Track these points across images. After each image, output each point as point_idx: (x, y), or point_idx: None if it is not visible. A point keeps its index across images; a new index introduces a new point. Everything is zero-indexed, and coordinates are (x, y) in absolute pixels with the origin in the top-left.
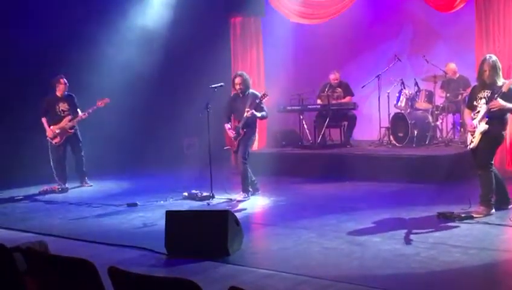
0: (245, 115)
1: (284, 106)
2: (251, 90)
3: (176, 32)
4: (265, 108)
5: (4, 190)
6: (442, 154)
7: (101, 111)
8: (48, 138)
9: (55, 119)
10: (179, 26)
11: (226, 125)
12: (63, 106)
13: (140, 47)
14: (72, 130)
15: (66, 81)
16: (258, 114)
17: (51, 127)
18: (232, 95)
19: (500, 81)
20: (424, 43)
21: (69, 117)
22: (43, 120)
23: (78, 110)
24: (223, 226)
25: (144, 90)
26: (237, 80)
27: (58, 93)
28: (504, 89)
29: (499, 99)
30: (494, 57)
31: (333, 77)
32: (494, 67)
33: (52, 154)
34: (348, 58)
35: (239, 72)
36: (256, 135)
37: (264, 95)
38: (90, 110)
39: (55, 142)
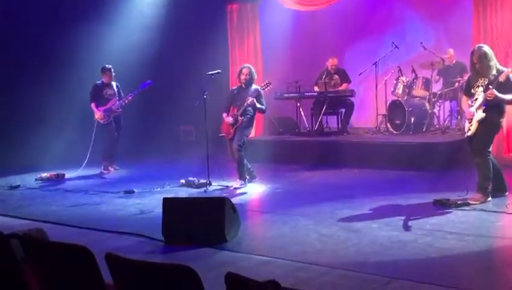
0: (245, 103)
1: (281, 93)
2: (254, 85)
3: (173, 19)
4: (264, 102)
5: (1, 177)
6: (439, 142)
7: None
8: (96, 119)
9: (102, 103)
10: (176, 13)
11: (224, 114)
12: (109, 91)
13: (137, 35)
14: (119, 110)
15: (112, 70)
16: (258, 105)
17: (99, 108)
18: (234, 87)
19: (495, 69)
20: (422, 30)
21: (116, 99)
22: (92, 105)
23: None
24: (220, 213)
25: (140, 78)
26: (245, 70)
27: (105, 80)
28: (501, 79)
29: (494, 90)
30: (483, 48)
31: (331, 62)
32: (483, 58)
33: (102, 136)
34: (345, 45)
35: (247, 65)
36: (254, 124)
37: (266, 84)
38: (133, 94)
39: (103, 121)
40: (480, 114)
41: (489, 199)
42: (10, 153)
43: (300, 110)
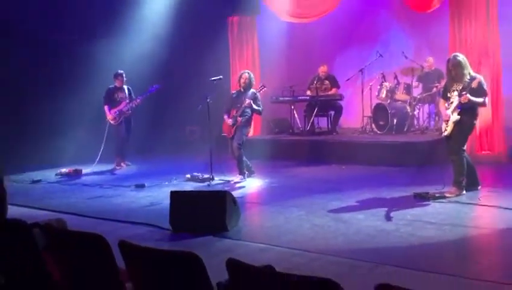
0: (244, 104)
1: (276, 97)
2: (252, 89)
3: (179, 31)
4: (261, 105)
5: (24, 173)
6: (419, 141)
7: None
8: (107, 120)
9: (114, 105)
10: (181, 25)
11: (225, 116)
12: (121, 94)
13: (147, 45)
14: (129, 112)
15: (124, 74)
16: (255, 106)
17: (111, 111)
18: (234, 91)
19: (469, 76)
20: (404, 40)
21: (126, 102)
22: (105, 107)
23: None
24: (222, 205)
25: (150, 83)
26: (244, 76)
27: (118, 84)
28: (473, 85)
29: (468, 94)
30: (459, 57)
31: (322, 69)
32: (458, 66)
33: (114, 135)
34: (334, 54)
35: (247, 71)
36: (252, 124)
37: (262, 86)
38: (142, 97)
39: (114, 122)
40: (455, 116)
41: (464, 192)
42: (31, 150)
43: (294, 112)
